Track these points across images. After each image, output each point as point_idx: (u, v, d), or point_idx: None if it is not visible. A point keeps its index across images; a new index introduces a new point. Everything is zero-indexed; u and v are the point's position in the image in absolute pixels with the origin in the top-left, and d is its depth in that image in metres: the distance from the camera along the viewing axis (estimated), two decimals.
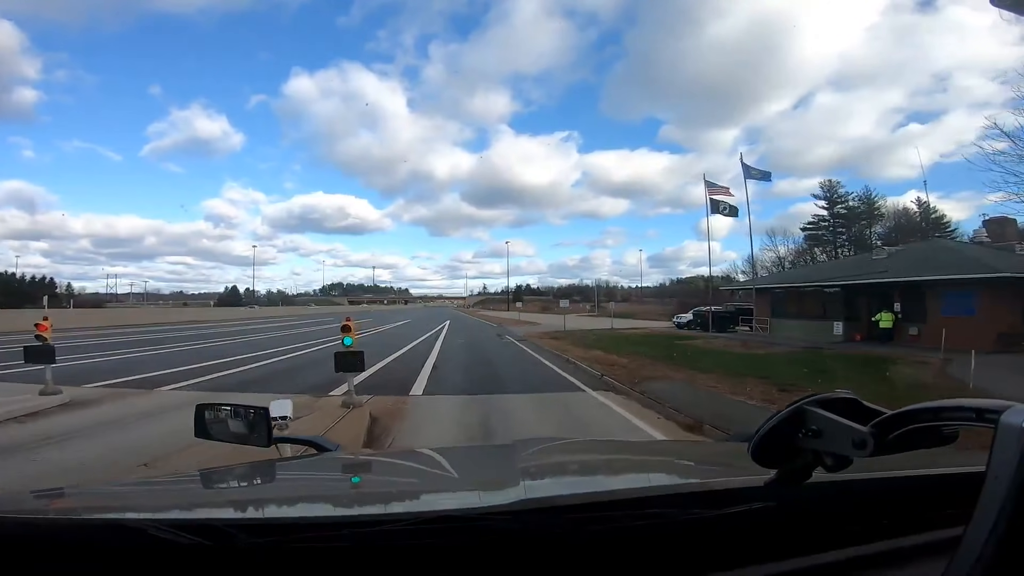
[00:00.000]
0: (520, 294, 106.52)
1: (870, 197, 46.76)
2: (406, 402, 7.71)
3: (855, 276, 19.19)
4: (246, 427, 1.34)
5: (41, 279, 69.08)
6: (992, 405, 0.43)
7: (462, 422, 6.50)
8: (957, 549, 0.40)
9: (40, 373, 7.42)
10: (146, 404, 7.18)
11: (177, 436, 4.34)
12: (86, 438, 5.38)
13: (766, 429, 0.56)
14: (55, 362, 7.49)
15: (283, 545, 0.60)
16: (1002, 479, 0.38)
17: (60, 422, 6.03)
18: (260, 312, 57.04)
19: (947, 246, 22.23)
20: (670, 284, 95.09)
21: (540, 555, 0.63)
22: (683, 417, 6.45)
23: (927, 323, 16.28)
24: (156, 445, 4.84)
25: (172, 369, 10.70)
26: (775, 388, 8.25)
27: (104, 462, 4.58)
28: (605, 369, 10.84)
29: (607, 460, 1.41)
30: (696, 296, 70.65)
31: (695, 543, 0.66)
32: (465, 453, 1.88)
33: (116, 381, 9.00)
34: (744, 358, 13.92)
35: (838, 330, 18.80)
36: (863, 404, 0.54)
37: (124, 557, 0.59)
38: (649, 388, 8.47)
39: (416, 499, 0.97)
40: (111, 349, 15.30)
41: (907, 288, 17.20)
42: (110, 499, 0.98)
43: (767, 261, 46.90)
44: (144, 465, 4.17)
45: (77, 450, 4.95)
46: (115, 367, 11.04)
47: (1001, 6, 0.81)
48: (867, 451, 0.49)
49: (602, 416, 7.06)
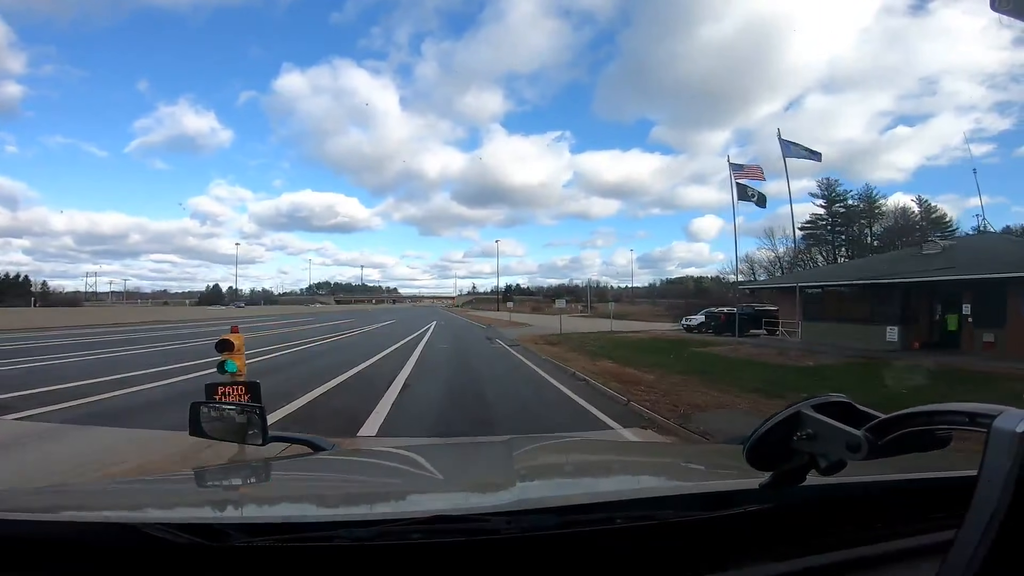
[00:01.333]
0: (510, 294, 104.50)
1: (871, 195, 44.96)
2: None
3: (913, 273, 16.25)
4: (242, 425, 1.30)
5: (15, 277, 67.23)
6: (985, 409, 0.43)
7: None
8: (949, 552, 0.41)
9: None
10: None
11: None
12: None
13: (761, 432, 0.56)
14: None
15: (279, 545, 0.60)
16: (994, 483, 0.39)
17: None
18: (238, 312, 54.38)
19: (1007, 239, 19.75)
20: (660, 284, 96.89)
21: (536, 556, 0.63)
22: None
23: (1008, 328, 13.70)
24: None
25: (51, 387, 7.98)
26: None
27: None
28: (627, 390, 8.23)
29: (603, 461, 1.43)
30: (686, 296, 70.82)
31: (690, 545, 0.66)
32: (462, 451, 1.90)
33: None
34: (799, 372, 11.34)
35: (892, 335, 15.73)
36: (857, 407, 0.54)
37: (120, 556, 0.59)
38: (708, 423, 5.87)
39: (412, 499, 0.96)
40: (19, 356, 12.71)
41: (980, 287, 14.39)
42: (105, 498, 0.97)
43: (764, 261, 44.90)
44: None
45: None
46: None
47: (1001, 11, 0.77)
48: (861, 454, 0.49)
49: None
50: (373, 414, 6.63)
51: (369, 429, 5.95)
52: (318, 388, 8.66)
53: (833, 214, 45.64)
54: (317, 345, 17.27)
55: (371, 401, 7.45)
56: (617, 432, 5.92)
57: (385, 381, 9.51)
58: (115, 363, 11.77)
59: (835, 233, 45.52)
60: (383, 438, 5.45)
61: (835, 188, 45.89)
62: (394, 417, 6.57)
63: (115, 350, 14.89)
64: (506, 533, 0.62)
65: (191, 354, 13.19)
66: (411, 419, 6.61)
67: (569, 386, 9.36)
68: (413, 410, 7.14)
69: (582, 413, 7.10)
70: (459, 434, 5.72)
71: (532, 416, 7.02)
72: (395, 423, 6.27)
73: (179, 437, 2.68)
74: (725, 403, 7.27)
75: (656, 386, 8.61)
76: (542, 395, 8.74)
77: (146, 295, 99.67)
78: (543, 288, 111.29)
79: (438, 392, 8.89)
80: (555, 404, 7.88)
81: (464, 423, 6.55)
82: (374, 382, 9.48)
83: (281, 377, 9.83)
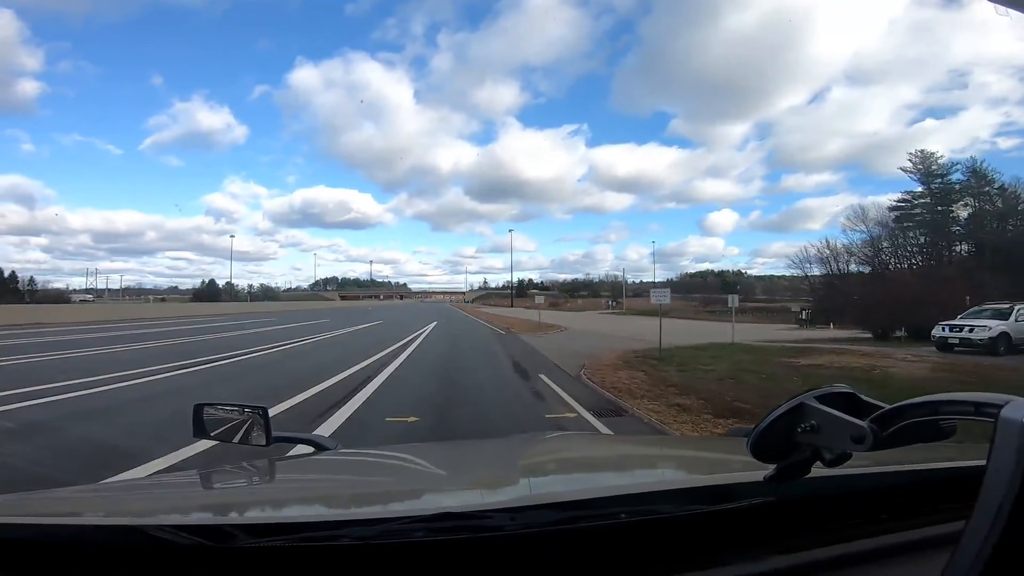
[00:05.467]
0: (524, 288, 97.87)
1: (982, 170, 36.59)
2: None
3: None
4: (246, 426, 1.26)
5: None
6: (991, 399, 0.42)
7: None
8: (958, 544, 0.40)
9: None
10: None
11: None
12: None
13: (765, 424, 0.55)
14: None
15: (285, 545, 0.59)
16: (1002, 473, 0.38)
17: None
18: (232, 308, 49.00)
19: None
20: (679, 278, 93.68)
21: (541, 552, 0.62)
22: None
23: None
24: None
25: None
26: None
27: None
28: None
29: (605, 456, 1.41)
30: (705, 289, 64.54)
31: (694, 539, 0.65)
32: (466, 448, 1.85)
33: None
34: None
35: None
36: (861, 398, 0.53)
37: (126, 559, 0.58)
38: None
39: (417, 497, 0.96)
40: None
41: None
42: (111, 501, 0.97)
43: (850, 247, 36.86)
44: None
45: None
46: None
47: (998, 1, 0.74)
48: (866, 446, 0.48)
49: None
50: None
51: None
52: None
53: (932, 192, 37.71)
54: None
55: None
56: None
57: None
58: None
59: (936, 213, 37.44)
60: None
61: (934, 161, 37.89)
62: None
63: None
64: (510, 530, 0.62)
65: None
66: None
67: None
68: None
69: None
70: None
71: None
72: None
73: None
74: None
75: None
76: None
77: (148, 292, 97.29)
78: (556, 283, 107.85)
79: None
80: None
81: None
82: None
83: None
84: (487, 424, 5.86)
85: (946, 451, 0.77)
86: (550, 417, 6.07)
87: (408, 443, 3.48)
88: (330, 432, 4.97)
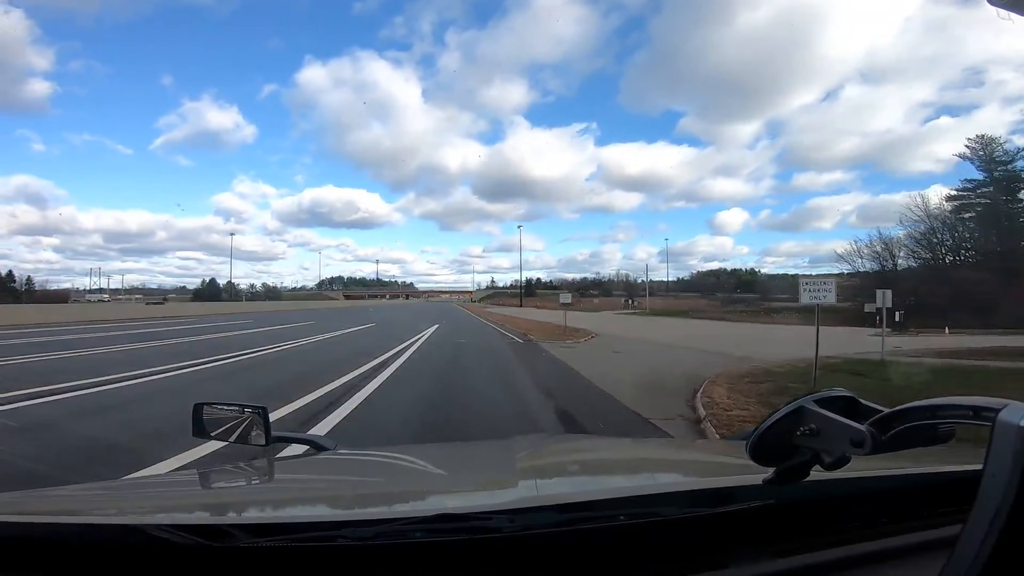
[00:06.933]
0: (532, 288, 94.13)
1: None
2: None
3: None
4: (245, 426, 1.26)
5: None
6: (989, 403, 0.42)
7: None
8: (955, 547, 0.40)
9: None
10: None
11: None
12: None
13: (764, 427, 0.54)
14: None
15: (284, 545, 0.59)
16: (999, 477, 0.38)
17: None
18: (222, 308, 45.50)
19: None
20: (691, 277, 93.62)
21: (540, 554, 0.62)
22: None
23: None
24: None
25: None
26: None
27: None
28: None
29: (605, 458, 1.39)
30: (720, 289, 61.37)
31: (693, 542, 0.65)
32: (465, 449, 1.84)
33: None
34: None
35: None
36: (861, 402, 0.54)
37: (125, 558, 0.58)
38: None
39: (416, 498, 0.95)
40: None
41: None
42: (111, 500, 0.96)
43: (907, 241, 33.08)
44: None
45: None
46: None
47: (998, 4, 0.73)
48: (865, 449, 0.48)
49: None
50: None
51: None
52: None
53: (995, 179, 33.77)
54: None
55: None
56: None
57: None
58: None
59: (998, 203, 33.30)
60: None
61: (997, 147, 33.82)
62: None
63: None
64: (509, 531, 0.62)
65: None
66: None
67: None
68: None
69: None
70: None
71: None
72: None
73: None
74: None
75: None
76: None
77: (155, 292, 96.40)
78: (565, 282, 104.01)
79: None
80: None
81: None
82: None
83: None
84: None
85: (945, 455, 0.79)
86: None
87: (409, 445, 3.31)
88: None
